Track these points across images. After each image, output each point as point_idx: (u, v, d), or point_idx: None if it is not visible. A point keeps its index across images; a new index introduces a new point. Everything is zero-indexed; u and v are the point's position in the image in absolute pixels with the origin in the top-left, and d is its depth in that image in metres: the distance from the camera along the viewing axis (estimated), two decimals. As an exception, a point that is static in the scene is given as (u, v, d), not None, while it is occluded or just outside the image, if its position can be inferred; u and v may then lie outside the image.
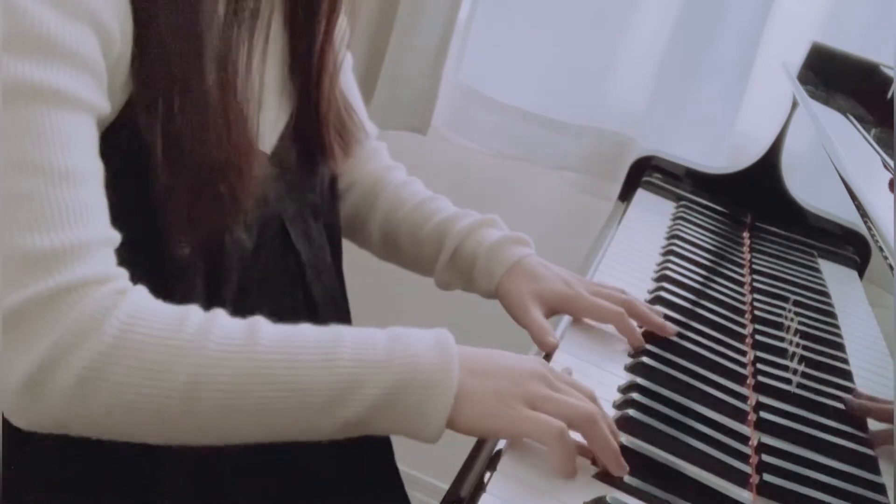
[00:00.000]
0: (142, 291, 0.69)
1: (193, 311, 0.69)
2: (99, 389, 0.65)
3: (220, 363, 0.66)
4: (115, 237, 0.69)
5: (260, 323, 0.69)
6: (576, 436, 0.71)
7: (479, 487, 0.66)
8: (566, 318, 0.95)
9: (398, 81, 1.71)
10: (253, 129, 0.80)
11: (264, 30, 0.81)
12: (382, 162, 1.09)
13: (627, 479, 0.70)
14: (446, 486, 0.70)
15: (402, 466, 1.02)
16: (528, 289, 0.93)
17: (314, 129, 0.92)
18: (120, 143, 0.73)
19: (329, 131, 0.93)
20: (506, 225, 1.02)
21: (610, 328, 0.94)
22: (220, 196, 0.76)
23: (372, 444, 0.97)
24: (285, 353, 0.68)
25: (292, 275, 0.89)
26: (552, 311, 0.93)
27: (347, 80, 1.04)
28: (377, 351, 0.69)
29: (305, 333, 0.70)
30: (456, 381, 0.69)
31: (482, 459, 0.71)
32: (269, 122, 0.86)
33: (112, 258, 0.69)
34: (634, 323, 0.92)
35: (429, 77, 1.71)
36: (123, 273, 0.69)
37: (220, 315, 0.69)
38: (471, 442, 0.75)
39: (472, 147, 1.75)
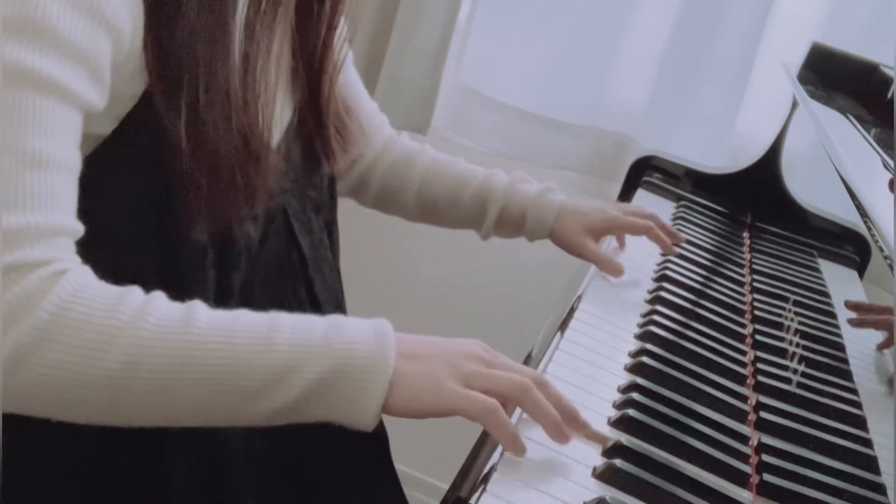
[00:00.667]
0: (85, 272, 0.68)
1: (133, 293, 0.68)
2: (31, 364, 0.64)
3: (155, 344, 0.66)
4: (78, 229, 0.69)
5: (198, 306, 0.69)
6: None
7: (479, 487, 0.66)
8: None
9: (398, 81, 1.71)
10: (269, 123, 0.81)
11: (280, 25, 0.82)
12: (393, 136, 1.16)
13: (628, 478, 0.70)
14: (446, 486, 0.70)
15: (402, 466, 1.02)
16: (577, 225, 1.09)
17: (316, 128, 0.93)
18: (138, 131, 0.74)
19: (330, 130, 0.94)
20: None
21: (607, 333, 0.94)
22: (237, 186, 0.77)
23: (368, 440, 0.97)
24: (221, 337, 0.68)
25: (295, 268, 0.90)
26: (599, 236, 1.11)
27: (350, 76, 1.06)
28: (314, 337, 0.69)
29: (243, 318, 0.70)
30: (392, 367, 0.69)
31: (482, 459, 0.71)
32: (276, 117, 0.87)
33: (70, 248, 0.68)
34: (662, 234, 1.12)
35: (429, 77, 1.71)
36: (75, 258, 0.68)
37: (158, 297, 0.69)
38: (471, 442, 0.75)
39: (472, 147, 1.75)
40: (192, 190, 0.75)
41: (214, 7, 0.75)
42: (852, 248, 1.37)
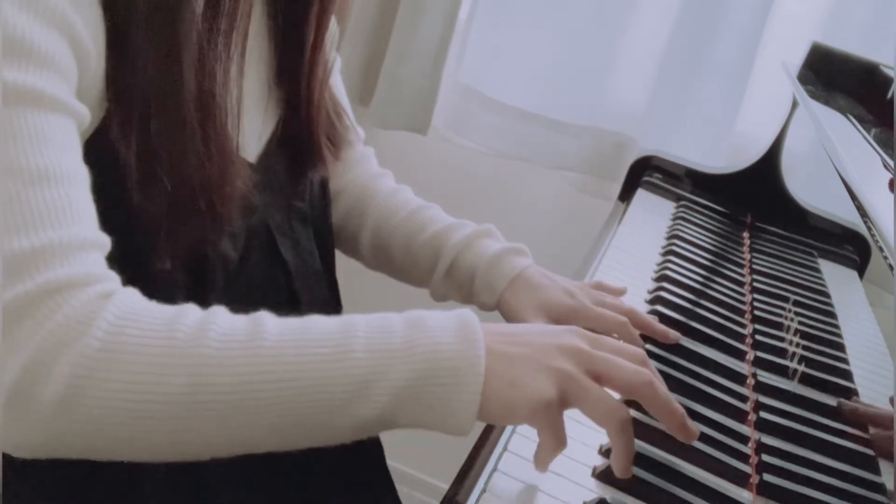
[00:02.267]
0: (132, 293, 0.64)
1: (190, 310, 0.64)
2: (87, 398, 0.59)
3: (221, 363, 0.61)
4: (104, 241, 0.65)
5: (263, 317, 0.64)
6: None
7: (480, 487, 0.66)
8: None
9: (398, 81, 1.71)
10: (233, 142, 0.77)
11: (241, 43, 0.78)
12: (371, 169, 1.06)
13: (628, 479, 0.70)
14: (446, 486, 0.70)
15: (403, 466, 1.02)
16: (532, 302, 0.90)
17: (304, 135, 0.91)
18: (95, 160, 0.69)
19: (319, 136, 0.92)
20: (503, 229, 1.00)
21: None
22: (200, 212, 0.73)
23: (362, 445, 0.97)
24: (292, 348, 0.62)
25: (279, 284, 0.88)
26: (556, 323, 0.87)
27: (336, 84, 1.03)
28: (394, 340, 0.64)
29: (314, 324, 0.64)
30: (483, 369, 0.63)
31: (482, 459, 0.71)
32: (255, 130, 0.85)
33: (101, 262, 0.64)
34: (637, 333, 0.90)
35: (429, 77, 1.71)
36: (113, 276, 0.64)
37: (219, 312, 0.64)
38: (471, 442, 0.75)
39: (472, 147, 1.75)
40: (149, 220, 0.71)
41: (164, 34, 0.71)
42: (852, 248, 1.37)
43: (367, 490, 0.97)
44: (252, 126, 0.85)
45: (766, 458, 0.79)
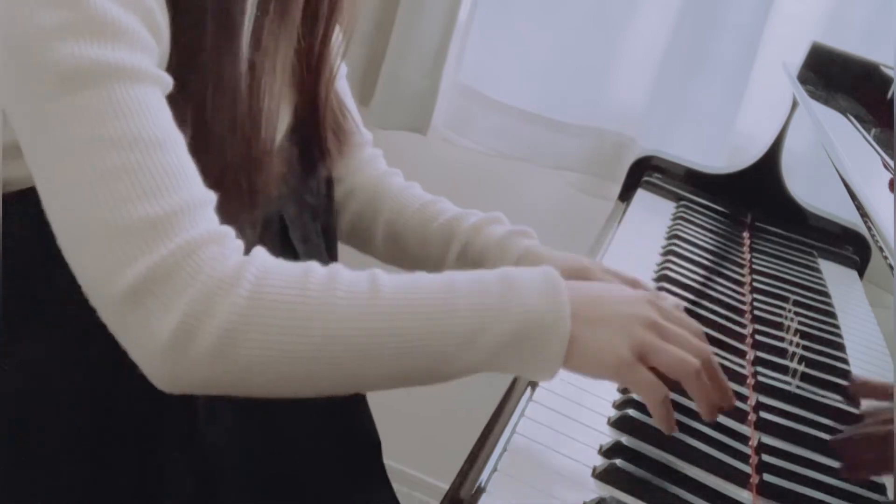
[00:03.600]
0: (262, 250, 0.71)
1: (315, 267, 0.71)
2: (239, 347, 0.66)
3: (349, 317, 0.68)
4: (212, 196, 0.71)
5: (379, 275, 0.71)
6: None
7: (480, 487, 0.66)
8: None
9: (398, 81, 1.71)
10: (274, 127, 0.82)
11: (288, 32, 0.82)
12: (381, 168, 1.09)
13: (628, 478, 0.70)
14: (446, 486, 0.70)
15: (403, 466, 1.02)
16: None
17: (313, 130, 0.93)
18: None
19: (326, 133, 0.94)
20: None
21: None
22: (241, 191, 0.78)
23: (361, 445, 0.97)
24: (408, 304, 0.70)
25: None
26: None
27: (343, 88, 1.04)
28: (492, 298, 0.71)
29: (421, 282, 0.72)
30: (569, 327, 0.71)
31: (482, 459, 0.71)
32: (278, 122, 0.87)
33: (215, 217, 0.70)
34: None
35: (429, 77, 1.71)
36: (231, 231, 0.70)
37: (340, 269, 0.71)
38: (471, 442, 0.76)
39: (472, 147, 1.75)
40: None
41: (224, 14, 0.75)
42: (852, 248, 1.37)
43: (365, 490, 0.97)
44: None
45: (766, 458, 0.79)
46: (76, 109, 0.66)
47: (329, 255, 0.97)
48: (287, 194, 0.89)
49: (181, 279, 0.65)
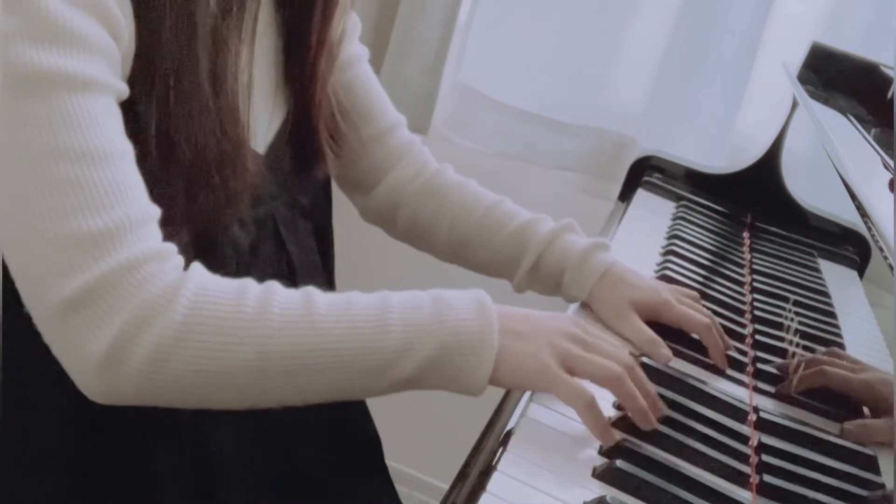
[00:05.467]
0: (200, 267, 0.72)
1: (251, 285, 0.72)
2: (172, 363, 0.67)
3: (284, 334, 0.70)
4: (157, 211, 0.71)
5: (313, 293, 0.73)
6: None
7: (479, 487, 0.66)
8: (571, 310, 0.96)
9: (398, 81, 1.70)
10: (244, 123, 0.81)
11: (251, 25, 0.82)
12: (431, 164, 1.08)
13: (628, 478, 0.70)
14: (446, 486, 0.70)
15: (403, 466, 1.02)
16: (624, 296, 0.94)
17: (307, 132, 0.92)
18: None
19: (320, 135, 0.93)
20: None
21: (608, 333, 0.94)
22: (215, 188, 0.78)
23: (361, 444, 0.97)
24: (342, 322, 0.71)
25: (285, 277, 0.89)
26: (644, 318, 0.93)
27: (365, 73, 1.03)
28: (423, 315, 0.73)
29: (356, 300, 0.73)
30: (496, 342, 0.73)
31: (482, 459, 0.71)
32: (263, 122, 0.87)
33: (158, 233, 0.71)
34: (718, 337, 0.94)
35: (429, 77, 1.71)
36: (174, 248, 0.71)
37: (276, 287, 0.72)
38: (471, 442, 0.76)
39: (472, 147, 1.75)
40: (167, 193, 0.75)
41: (180, 12, 0.74)
42: (852, 248, 1.37)
43: (367, 490, 0.97)
44: (261, 118, 0.87)
45: (766, 458, 0.79)
46: (26, 116, 0.66)
47: (324, 256, 0.97)
48: (279, 194, 0.89)
49: (120, 295, 0.66)
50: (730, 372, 0.93)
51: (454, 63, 1.72)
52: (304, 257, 0.92)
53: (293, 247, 0.90)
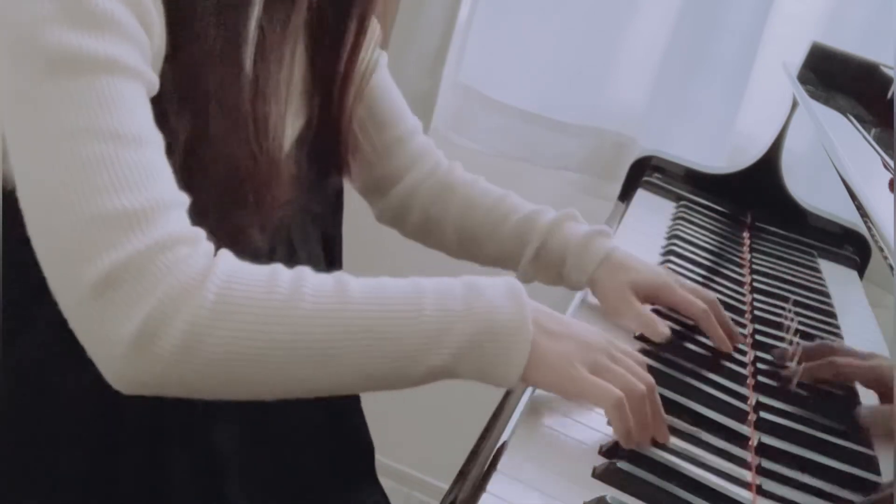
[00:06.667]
0: (228, 253, 0.70)
1: (281, 269, 0.70)
2: (204, 346, 0.66)
3: (317, 316, 0.68)
4: (186, 199, 0.70)
5: (345, 277, 0.72)
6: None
7: (479, 487, 0.66)
8: (570, 311, 0.96)
9: (398, 81, 1.70)
10: (280, 139, 0.81)
11: (293, 44, 0.82)
12: (442, 162, 1.10)
13: (628, 478, 0.70)
14: (446, 486, 0.70)
15: (402, 466, 1.02)
16: (624, 280, 0.95)
17: (330, 141, 0.92)
18: None
19: (347, 147, 0.94)
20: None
21: (608, 332, 0.94)
22: (247, 203, 0.78)
23: (354, 451, 0.98)
24: (375, 305, 0.70)
25: None
26: (644, 300, 0.95)
27: (384, 79, 1.05)
28: (456, 301, 0.72)
29: (388, 285, 0.72)
30: (531, 333, 0.72)
31: (482, 459, 0.71)
32: (287, 129, 0.87)
33: (187, 218, 0.70)
34: (717, 322, 0.94)
35: (429, 77, 1.71)
36: (203, 233, 0.70)
37: (307, 272, 0.71)
38: (471, 442, 0.76)
39: (472, 147, 1.75)
40: (194, 212, 0.73)
41: (227, 25, 0.75)
42: (852, 248, 1.37)
43: (358, 493, 0.97)
44: (287, 127, 0.86)
45: (765, 458, 0.79)
46: (60, 96, 0.66)
47: (330, 265, 0.96)
48: (292, 200, 0.89)
49: (151, 276, 0.65)
50: (730, 372, 0.93)
51: (454, 63, 1.72)
52: (310, 265, 0.92)
53: (302, 252, 0.91)
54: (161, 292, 0.65)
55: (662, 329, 0.91)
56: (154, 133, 0.70)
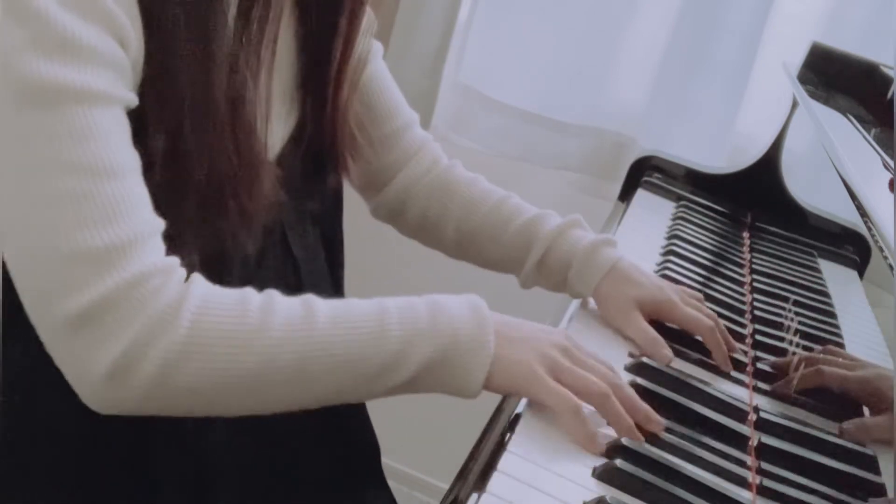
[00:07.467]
0: (201, 279, 0.72)
1: (251, 295, 0.72)
2: (178, 376, 0.68)
3: (285, 344, 0.71)
4: (161, 224, 0.71)
5: (313, 300, 0.74)
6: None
7: (480, 487, 0.66)
8: (567, 316, 0.96)
9: (398, 81, 1.70)
10: (262, 142, 0.80)
11: (272, 43, 0.80)
12: (441, 159, 1.08)
13: (628, 478, 0.70)
14: (446, 486, 0.70)
15: (402, 466, 1.02)
16: (629, 294, 0.94)
17: (326, 140, 0.91)
18: None
19: (343, 143, 0.93)
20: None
21: (607, 332, 0.94)
22: (229, 210, 0.77)
23: (360, 449, 0.97)
24: (342, 329, 0.72)
25: (290, 281, 0.89)
26: (647, 317, 0.94)
27: (380, 71, 1.03)
28: (420, 319, 0.74)
29: (354, 307, 0.74)
30: (492, 347, 0.74)
31: (482, 459, 0.71)
32: (274, 130, 0.86)
33: (162, 246, 0.71)
34: (721, 339, 0.94)
35: (429, 77, 1.71)
36: (177, 260, 0.71)
37: (276, 296, 0.73)
38: (470, 442, 0.75)
39: (472, 147, 1.75)
40: (178, 214, 0.74)
41: (199, 31, 0.73)
42: (852, 248, 1.37)
43: (363, 494, 0.97)
44: (275, 125, 0.86)
45: (765, 458, 0.79)
46: (33, 129, 0.66)
47: (332, 264, 0.96)
48: (286, 201, 0.87)
49: (126, 312, 0.67)
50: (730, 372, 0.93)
51: (454, 63, 1.72)
52: (312, 264, 0.92)
53: (300, 252, 0.90)
54: (136, 327, 0.67)
55: (666, 351, 0.90)
56: (130, 158, 0.70)
